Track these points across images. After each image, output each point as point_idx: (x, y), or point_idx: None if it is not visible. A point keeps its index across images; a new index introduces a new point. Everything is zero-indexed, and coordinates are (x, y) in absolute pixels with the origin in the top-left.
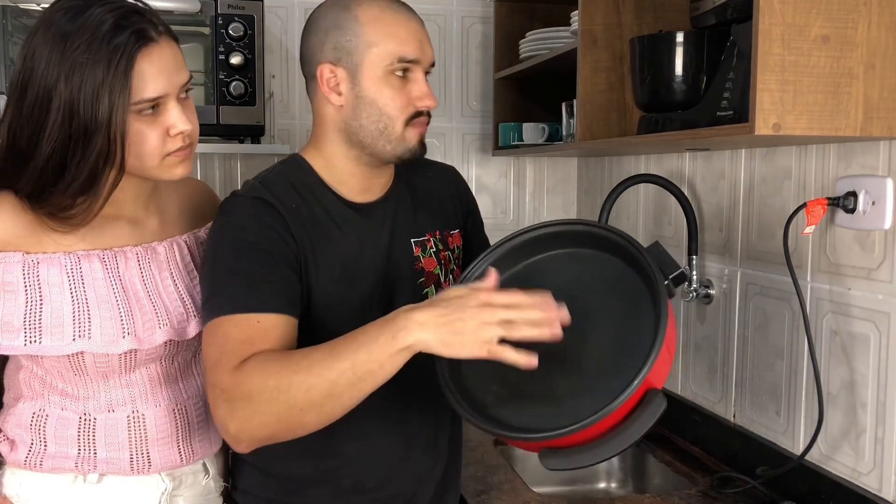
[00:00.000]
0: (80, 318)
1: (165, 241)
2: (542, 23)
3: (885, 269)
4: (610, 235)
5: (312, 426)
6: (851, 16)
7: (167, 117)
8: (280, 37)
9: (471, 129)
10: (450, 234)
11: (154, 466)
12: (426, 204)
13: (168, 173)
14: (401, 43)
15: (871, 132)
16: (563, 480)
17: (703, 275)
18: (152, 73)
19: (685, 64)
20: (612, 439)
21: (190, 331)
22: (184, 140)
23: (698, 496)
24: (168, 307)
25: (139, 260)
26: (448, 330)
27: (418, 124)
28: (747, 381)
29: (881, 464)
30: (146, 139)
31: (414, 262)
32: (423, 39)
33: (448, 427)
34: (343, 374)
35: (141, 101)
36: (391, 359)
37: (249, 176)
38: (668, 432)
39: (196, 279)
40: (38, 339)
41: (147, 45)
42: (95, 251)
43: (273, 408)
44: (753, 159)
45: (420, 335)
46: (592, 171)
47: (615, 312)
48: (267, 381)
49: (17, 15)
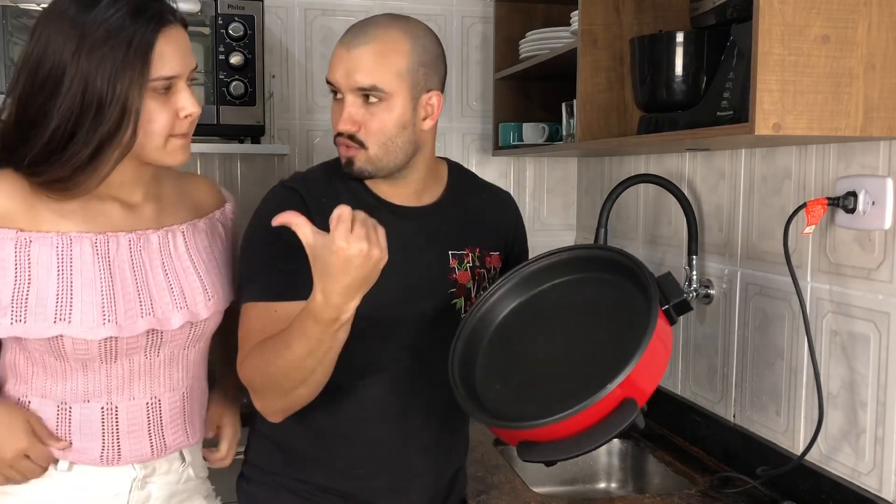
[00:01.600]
0: (62, 301)
1: (161, 230)
2: (542, 23)
3: (885, 269)
4: (620, 259)
5: (307, 397)
6: (851, 16)
7: (178, 98)
8: (280, 37)
9: (471, 129)
10: (489, 254)
11: (124, 458)
12: (473, 221)
13: (170, 157)
14: (330, 71)
15: (871, 132)
16: (563, 481)
17: (703, 275)
18: (170, 52)
19: (685, 64)
20: (579, 439)
21: (174, 321)
22: (190, 124)
23: (698, 496)
24: (154, 296)
25: (131, 246)
26: (343, 283)
27: (340, 144)
28: (747, 381)
29: (881, 464)
30: (156, 118)
31: (448, 273)
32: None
33: (455, 437)
34: (305, 358)
35: (159, 77)
36: (333, 336)
37: (249, 176)
38: (668, 432)
39: (189, 270)
40: (23, 319)
41: (166, 27)
42: (88, 234)
43: (271, 393)
44: (753, 159)
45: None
46: (592, 171)
47: (616, 328)
48: (256, 377)
49: (17, 15)
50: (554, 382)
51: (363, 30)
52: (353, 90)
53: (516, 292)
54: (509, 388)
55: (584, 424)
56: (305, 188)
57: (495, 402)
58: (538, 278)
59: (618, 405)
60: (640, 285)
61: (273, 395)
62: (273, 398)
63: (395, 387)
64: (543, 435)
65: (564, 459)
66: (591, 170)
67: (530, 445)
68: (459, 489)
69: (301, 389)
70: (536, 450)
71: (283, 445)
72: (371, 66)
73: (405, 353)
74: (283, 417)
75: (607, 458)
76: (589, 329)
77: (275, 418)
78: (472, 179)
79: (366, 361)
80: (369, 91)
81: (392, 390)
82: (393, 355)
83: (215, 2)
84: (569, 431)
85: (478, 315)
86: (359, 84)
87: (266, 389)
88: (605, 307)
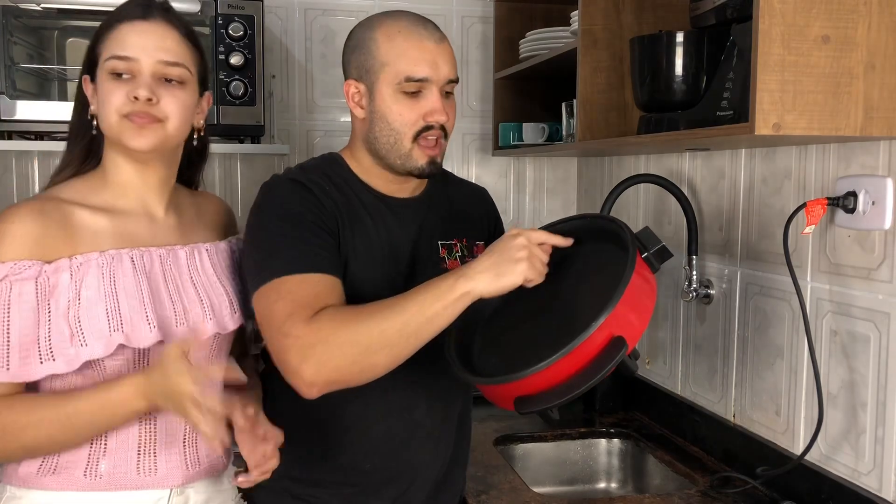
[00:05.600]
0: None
1: (187, 246)
2: (542, 23)
3: (885, 269)
4: (602, 224)
5: (382, 368)
6: (851, 16)
7: (131, 83)
8: (280, 37)
9: (471, 129)
10: (475, 243)
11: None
12: (458, 213)
13: (129, 139)
14: (410, 63)
15: (871, 132)
16: (563, 480)
17: (703, 275)
18: (133, 40)
19: (685, 64)
20: (572, 381)
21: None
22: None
23: (698, 496)
24: (186, 307)
25: (162, 260)
26: (494, 272)
27: (426, 143)
28: (747, 381)
29: (881, 464)
30: (109, 100)
31: (440, 262)
32: (436, 59)
33: (456, 425)
34: (413, 315)
35: (112, 56)
36: (453, 303)
37: (249, 176)
38: (668, 432)
39: (216, 284)
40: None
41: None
42: (124, 250)
43: (349, 350)
44: (753, 159)
45: (475, 283)
46: (592, 171)
47: (603, 283)
48: (343, 327)
49: (17, 15)
50: (544, 337)
51: (429, 24)
52: (444, 83)
53: None
54: (504, 358)
55: (575, 367)
56: (311, 182)
57: (492, 372)
58: None
59: (607, 344)
60: (623, 245)
61: (346, 353)
62: (343, 356)
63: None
64: (538, 385)
65: (561, 402)
66: (591, 170)
67: (526, 399)
68: (460, 485)
69: (381, 356)
70: (533, 401)
71: (287, 442)
72: (453, 59)
73: None
74: (326, 390)
75: (607, 458)
76: (578, 292)
77: (315, 389)
78: (447, 174)
79: None
80: (455, 83)
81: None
82: None
83: (215, 2)
84: (562, 376)
85: None
86: (450, 77)
87: (345, 345)
88: (592, 271)
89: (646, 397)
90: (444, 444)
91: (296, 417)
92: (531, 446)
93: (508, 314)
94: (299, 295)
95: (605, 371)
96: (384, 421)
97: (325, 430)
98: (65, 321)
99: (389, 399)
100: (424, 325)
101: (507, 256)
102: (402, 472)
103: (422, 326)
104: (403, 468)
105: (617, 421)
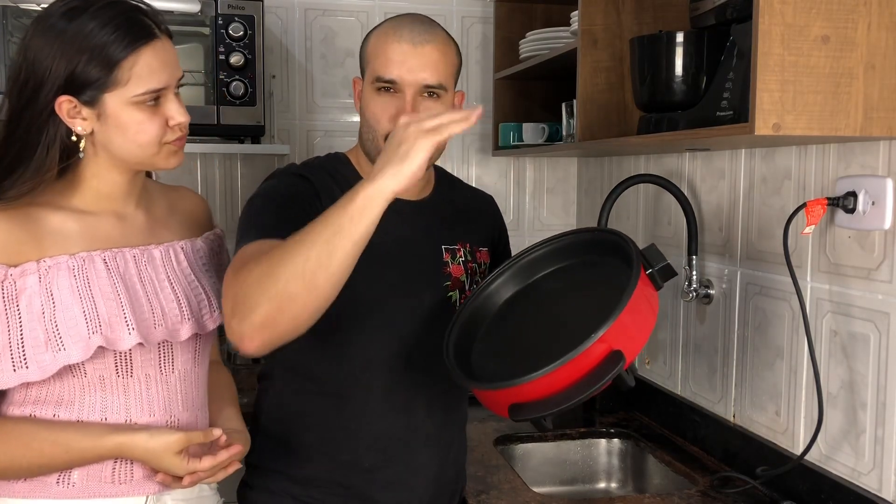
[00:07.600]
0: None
1: (161, 245)
2: (542, 23)
3: (885, 269)
4: (607, 238)
5: (305, 305)
6: (851, 16)
7: (167, 108)
8: (280, 37)
9: (470, 129)
10: (479, 249)
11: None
12: (462, 218)
13: (165, 162)
14: (382, 63)
15: (870, 132)
16: (563, 480)
17: (703, 275)
18: (158, 65)
19: (685, 64)
20: (568, 392)
21: (183, 332)
22: (181, 130)
23: (698, 496)
24: (164, 308)
25: (136, 260)
26: (396, 166)
27: None
28: (747, 381)
29: (881, 464)
30: (147, 129)
31: (443, 266)
32: (408, 61)
33: (456, 428)
34: (319, 234)
35: (147, 91)
36: (360, 212)
37: (249, 176)
38: (668, 432)
39: (194, 283)
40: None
41: (153, 41)
42: (96, 252)
43: (267, 287)
44: (753, 159)
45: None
46: (592, 171)
47: (604, 297)
48: (257, 265)
49: (17, 15)
50: (543, 347)
51: (418, 27)
52: (420, 86)
53: (511, 282)
54: (502, 365)
55: (572, 378)
56: (312, 176)
57: (488, 378)
58: (533, 268)
59: (605, 357)
60: (628, 259)
61: (263, 291)
62: (260, 295)
63: (396, 379)
64: (533, 393)
65: (555, 412)
66: (591, 170)
67: (521, 406)
68: (461, 485)
69: (296, 285)
70: (527, 409)
71: (286, 441)
72: (435, 64)
73: (404, 345)
74: (260, 343)
75: (607, 458)
76: (579, 304)
77: (246, 341)
78: (455, 179)
79: (366, 354)
80: (436, 89)
81: (393, 383)
82: (393, 347)
83: (215, 2)
84: (558, 387)
85: (475, 304)
86: (427, 82)
87: (259, 281)
88: (595, 284)
89: (646, 397)
90: (444, 444)
91: (295, 417)
92: (531, 446)
93: (510, 322)
94: (246, 254)
95: (602, 384)
96: (384, 421)
97: (325, 429)
98: (39, 325)
99: (389, 399)
100: (331, 240)
101: (402, 144)
102: (401, 472)
103: (328, 242)
104: (403, 468)
105: (617, 421)
